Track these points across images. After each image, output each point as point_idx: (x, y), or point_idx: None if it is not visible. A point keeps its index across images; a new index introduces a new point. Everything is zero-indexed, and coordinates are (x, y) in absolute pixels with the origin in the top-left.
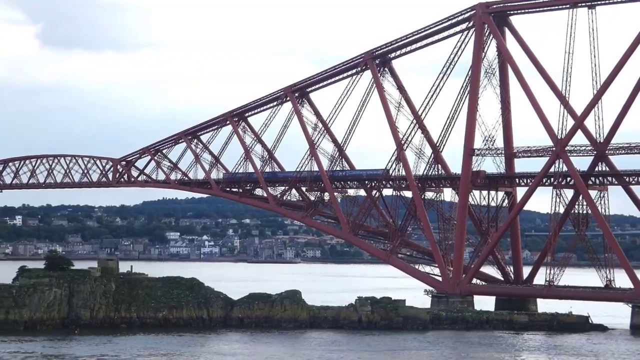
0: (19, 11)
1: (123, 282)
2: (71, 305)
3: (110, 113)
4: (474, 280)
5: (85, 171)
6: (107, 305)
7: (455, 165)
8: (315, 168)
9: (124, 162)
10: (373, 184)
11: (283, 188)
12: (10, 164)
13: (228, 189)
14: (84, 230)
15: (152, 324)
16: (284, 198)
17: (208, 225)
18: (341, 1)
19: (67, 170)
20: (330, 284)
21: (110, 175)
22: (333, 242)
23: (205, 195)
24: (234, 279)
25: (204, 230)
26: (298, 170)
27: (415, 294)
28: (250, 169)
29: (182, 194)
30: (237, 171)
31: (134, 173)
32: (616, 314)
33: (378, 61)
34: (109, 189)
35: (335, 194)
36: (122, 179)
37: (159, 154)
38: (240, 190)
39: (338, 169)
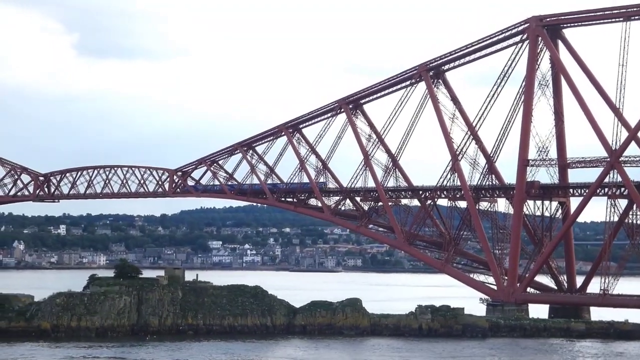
0: (54, 20)
1: (189, 290)
2: (140, 313)
3: (144, 123)
4: (528, 289)
5: (142, 182)
6: (175, 312)
7: (509, 175)
8: (370, 179)
9: (180, 173)
10: (427, 194)
11: (337, 198)
12: (67, 174)
13: (283, 199)
14: (127, 239)
15: (217, 331)
16: (339, 208)
17: (249, 234)
18: (395, 14)
19: (124, 181)
20: (377, 293)
21: (166, 186)
22: (373, 251)
23: (243, 204)
24: (284, 288)
25: (245, 239)
26: (352, 181)
27: (462, 302)
28: (306, 180)
29: (220, 203)
30: (292, 181)
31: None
32: None
33: (432, 73)
34: (147, 199)
35: (389, 203)
36: (178, 189)
37: (214, 164)
38: (295, 200)
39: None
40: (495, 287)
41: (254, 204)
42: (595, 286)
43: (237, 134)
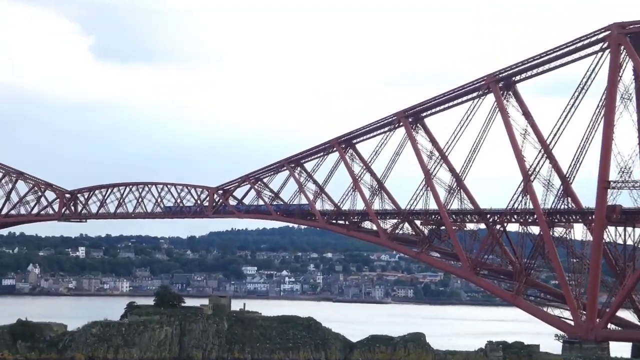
0: (71, 20)
1: (236, 321)
2: (182, 345)
3: (174, 135)
4: (609, 325)
5: (179, 200)
6: (220, 345)
7: (586, 198)
8: (431, 200)
9: (220, 191)
10: (496, 218)
11: (395, 221)
12: (96, 191)
13: (334, 221)
14: (152, 263)
15: None
16: (396, 232)
17: (287, 260)
18: (462, 19)
19: (159, 200)
20: (437, 327)
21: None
22: (426, 281)
23: (278, 226)
24: (332, 320)
25: (283, 264)
26: (411, 203)
27: (534, 338)
28: (360, 202)
29: (253, 224)
30: (343, 202)
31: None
32: None
33: (501, 84)
34: (173, 220)
35: (453, 228)
36: (219, 209)
37: (259, 182)
38: (347, 223)
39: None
40: (572, 323)
41: (291, 225)
42: None
43: (282, 149)
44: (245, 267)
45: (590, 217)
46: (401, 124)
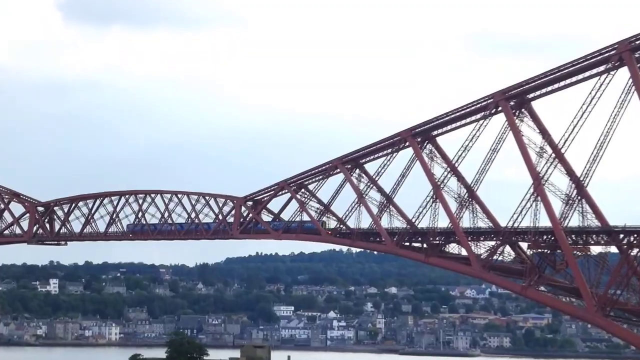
0: None
1: None
2: None
3: (179, 122)
4: None
5: (194, 215)
6: None
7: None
8: (544, 215)
9: (250, 202)
10: (632, 239)
11: (492, 244)
12: (80, 203)
13: (406, 244)
14: (150, 301)
15: None
16: (493, 258)
17: (334, 296)
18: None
19: (167, 214)
20: None
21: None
22: (528, 325)
23: (320, 249)
24: None
25: (329, 303)
26: (514, 219)
27: None
28: (442, 216)
29: (285, 247)
30: (420, 218)
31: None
32: None
33: (514, 102)
34: (175, 242)
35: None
36: (248, 227)
37: (302, 190)
38: (425, 246)
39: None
40: None
41: (338, 248)
42: None
43: (334, 144)
44: (278, 307)
45: None
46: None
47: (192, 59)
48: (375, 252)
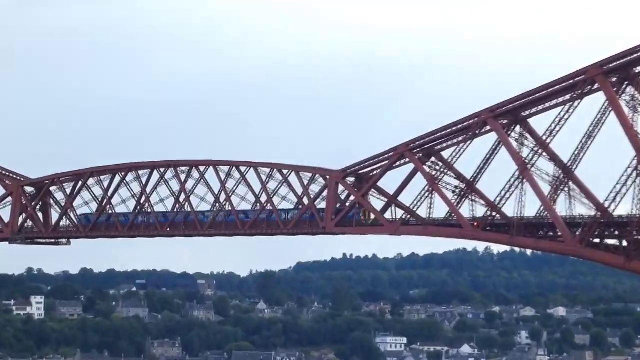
0: None
1: None
2: None
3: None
4: None
5: (265, 198)
6: None
7: None
8: None
9: (351, 178)
10: None
11: None
12: (91, 180)
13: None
14: (186, 330)
15: None
16: None
17: (469, 321)
18: None
19: (222, 196)
20: None
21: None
22: None
23: (441, 249)
24: None
25: (461, 332)
26: None
27: None
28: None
29: (388, 247)
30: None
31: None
32: None
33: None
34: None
35: None
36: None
37: (432, 158)
38: (623, 245)
39: None
40: None
41: (469, 247)
42: None
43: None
44: (383, 338)
45: None
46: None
47: None
48: (530, 253)
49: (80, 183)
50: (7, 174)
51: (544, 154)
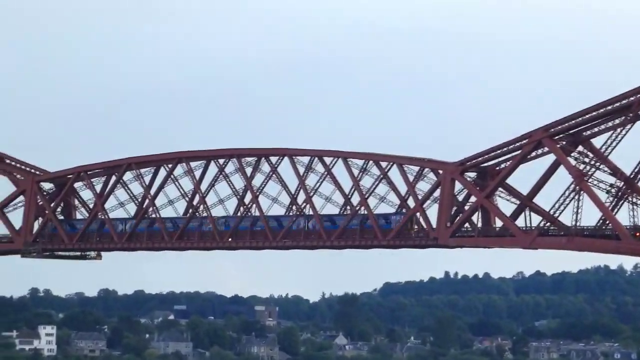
0: None
1: None
2: None
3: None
4: None
5: (359, 198)
6: None
7: None
8: None
9: (472, 174)
10: None
11: None
12: (128, 174)
13: None
14: None
15: None
16: None
17: None
18: None
19: (300, 197)
20: None
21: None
22: None
23: (575, 266)
24: None
25: None
26: None
27: None
28: None
29: (504, 263)
30: None
31: None
32: None
33: None
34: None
35: None
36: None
37: (580, 146)
38: None
39: None
40: None
41: (610, 263)
42: None
43: None
44: None
45: None
46: None
47: None
48: None
49: (113, 178)
50: (19, 165)
51: None
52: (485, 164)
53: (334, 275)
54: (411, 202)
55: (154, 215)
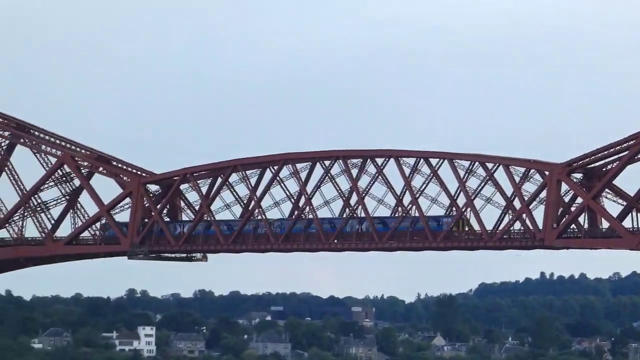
0: None
1: None
2: None
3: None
4: None
5: (465, 201)
6: None
7: None
8: None
9: (578, 175)
10: None
11: None
12: (234, 176)
13: None
14: None
15: None
16: None
17: None
18: None
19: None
20: None
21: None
22: None
23: None
24: None
25: None
26: None
27: None
28: None
29: (602, 265)
30: None
31: None
32: None
33: None
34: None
35: None
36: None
37: None
38: None
39: None
40: None
41: None
42: None
43: None
44: None
45: None
46: None
47: None
48: None
49: (219, 180)
50: (125, 167)
51: None
52: (592, 165)
53: (427, 275)
54: (517, 203)
55: (259, 217)
